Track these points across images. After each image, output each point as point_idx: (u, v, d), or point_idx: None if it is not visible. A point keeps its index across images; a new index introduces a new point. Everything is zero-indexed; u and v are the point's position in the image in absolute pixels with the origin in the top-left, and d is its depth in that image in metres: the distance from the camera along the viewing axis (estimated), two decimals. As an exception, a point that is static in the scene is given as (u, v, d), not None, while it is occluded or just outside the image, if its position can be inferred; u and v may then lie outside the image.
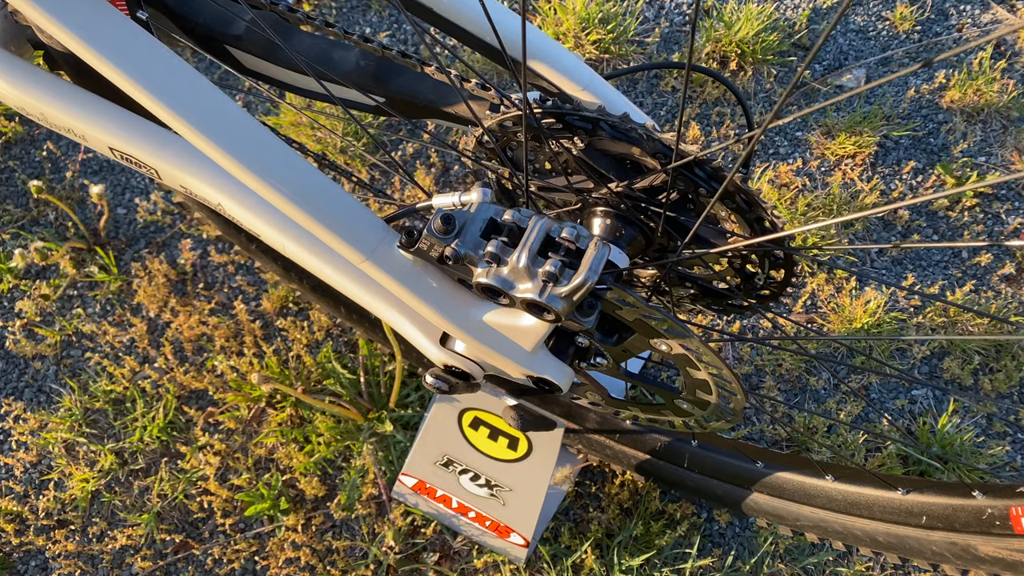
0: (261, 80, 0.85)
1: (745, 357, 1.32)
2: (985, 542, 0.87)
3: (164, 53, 0.61)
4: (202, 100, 0.61)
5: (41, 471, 1.23)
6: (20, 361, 1.31)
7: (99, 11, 0.58)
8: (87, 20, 0.58)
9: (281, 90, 0.86)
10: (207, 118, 0.61)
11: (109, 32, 0.58)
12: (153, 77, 0.60)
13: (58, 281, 1.34)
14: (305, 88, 0.85)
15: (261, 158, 0.62)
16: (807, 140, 1.49)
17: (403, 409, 1.24)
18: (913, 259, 1.40)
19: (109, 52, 0.58)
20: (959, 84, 1.53)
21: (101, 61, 0.58)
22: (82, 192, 1.42)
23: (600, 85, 0.76)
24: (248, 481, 1.20)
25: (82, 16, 0.57)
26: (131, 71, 0.59)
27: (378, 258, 0.64)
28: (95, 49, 0.57)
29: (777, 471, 1.05)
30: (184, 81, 0.61)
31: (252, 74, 0.85)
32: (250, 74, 0.86)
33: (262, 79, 0.85)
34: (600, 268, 0.56)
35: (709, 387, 0.68)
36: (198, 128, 0.60)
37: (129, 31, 0.59)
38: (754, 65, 1.53)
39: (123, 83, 0.59)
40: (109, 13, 0.58)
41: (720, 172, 0.63)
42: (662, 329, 0.61)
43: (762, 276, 0.72)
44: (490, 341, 0.67)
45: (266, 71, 0.85)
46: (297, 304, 1.33)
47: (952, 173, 1.46)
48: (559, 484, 1.23)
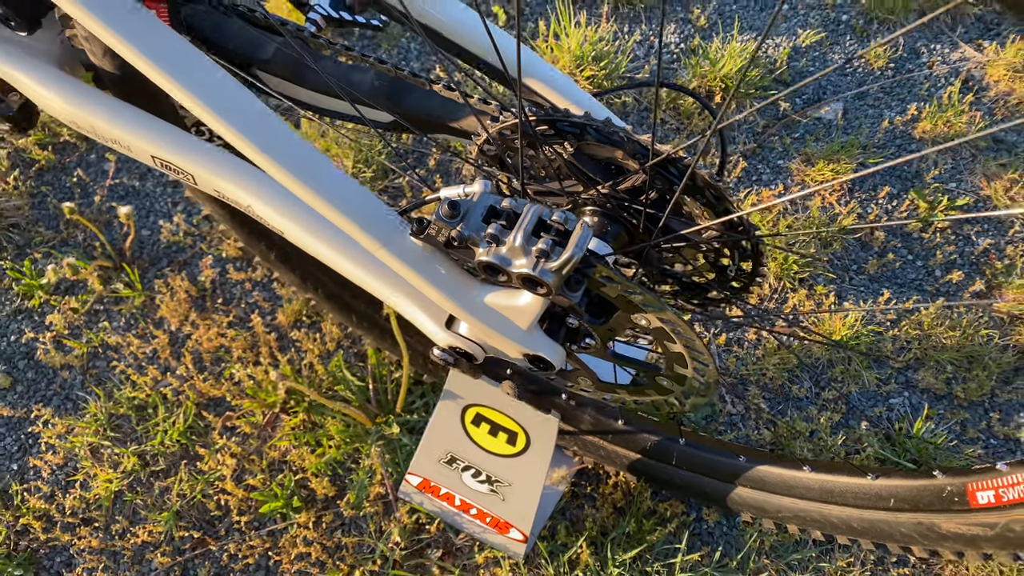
0: (285, 100, 0.95)
1: (731, 367, 1.40)
2: (947, 519, 0.94)
3: (210, 66, 0.71)
4: (243, 106, 0.71)
5: (67, 472, 1.30)
6: (49, 371, 1.39)
7: (159, 32, 0.68)
8: (148, 39, 0.67)
9: (302, 109, 0.96)
10: (248, 122, 0.70)
11: (168, 49, 0.68)
12: (205, 88, 0.69)
13: (86, 297, 1.43)
14: (326, 108, 0.95)
15: (293, 157, 0.71)
16: (788, 167, 1.59)
17: (409, 414, 1.32)
18: (890, 277, 1.49)
19: (169, 67, 0.68)
20: (930, 116, 1.63)
21: (156, 70, 0.68)
22: (109, 215, 1.52)
23: (588, 101, 0.86)
24: (262, 482, 1.28)
25: (142, 34, 0.67)
26: (181, 80, 0.69)
27: (392, 246, 0.73)
28: (160, 66, 0.67)
29: (758, 464, 1.13)
30: (229, 91, 0.71)
31: (277, 95, 0.95)
32: (275, 95, 0.95)
33: (286, 99, 0.95)
34: (585, 245, 0.65)
35: (685, 360, 0.77)
36: (241, 132, 0.70)
37: (181, 45, 0.69)
38: (737, 98, 1.64)
39: (171, 88, 0.69)
40: (170, 35, 0.68)
41: (695, 171, 0.72)
42: (640, 303, 0.70)
43: (733, 267, 0.81)
44: (490, 321, 0.76)
45: (290, 92, 0.95)
46: (310, 318, 1.41)
47: (924, 198, 1.56)
48: (556, 484, 1.30)
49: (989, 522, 0.89)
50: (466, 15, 0.86)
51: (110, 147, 0.88)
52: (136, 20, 0.67)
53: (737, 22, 1.74)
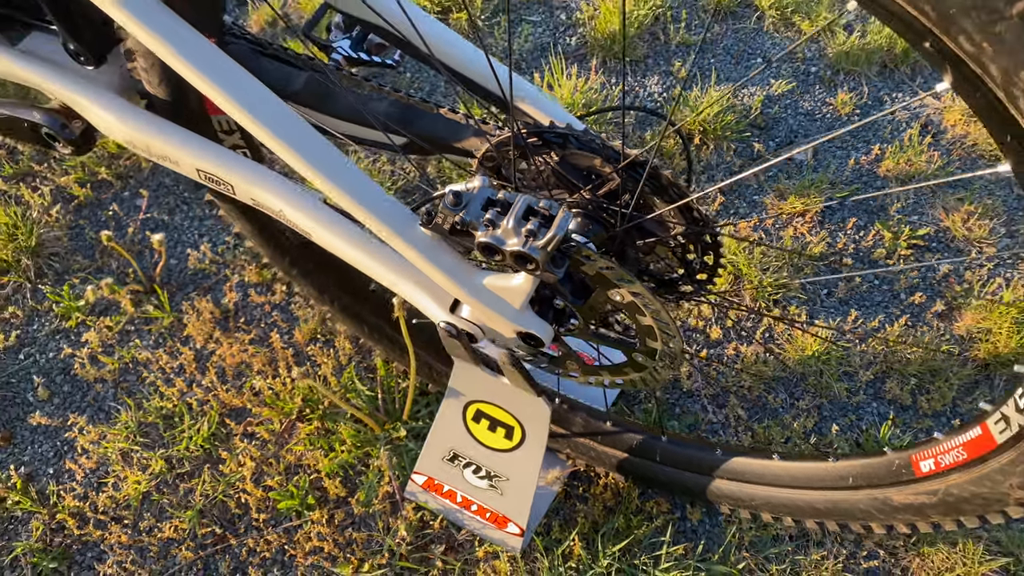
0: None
1: (712, 378, 1.52)
2: (897, 491, 1.05)
3: (255, 84, 0.85)
4: (284, 119, 0.85)
5: (99, 475, 1.41)
6: (84, 384, 1.51)
7: (223, 61, 0.83)
8: (214, 67, 0.82)
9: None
10: (287, 130, 0.84)
11: (222, 68, 0.83)
12: (247, 100, 0.84)
13: (118, 318, 1.56)
14: (345, 132, 1.10)
15: (324, 160, 0.86)
16: (763, 202, 1.74)
17: (414, 421, 1.44)
18: (858, 299, 1.62)
19: (222, 83, 0.82)
20: (892, 155, 1.78)
21: (213, 88, 0.82)
22: (141, 245, 1.66)
23: (573, 121, 1.00)
24: (279, 483, 1.38)
25: (211, 64, 0.82)
26: (225, 89, 0.83)
27: (406, 236, 0.87)
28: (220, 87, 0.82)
29: (733, 456, 1.24)
30: (269, 104, 0.85)
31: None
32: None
33: (312, 126, 1.10)
34: (566, 226, 0.78)
35: (655, 333, 0.89)
36: (282, 139, 0.84)
37: (227, 62, 0.84)
38: (715, 141, 1.79)
39: (222, 101, 0.83)
40: (230, 63, 0.83)
41: (657, 170, 0.86)
42: (613, 277, 0.83)
43: (698, 260, 0.94)
44: (488, 301, 0.89)
45: (315, 119, 1.09)
46: (324, 336, 1.54)
47: (889, 229, 1.70)
48: (550, 485, 1.41)
49: (932, 489, 1.00)
50: (473, 51, 1.01)
51: (160, 163, 1.02)
52: (209, 54, 0.82)
53: (714, 74, 1.91)
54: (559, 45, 1.97)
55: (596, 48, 1.94)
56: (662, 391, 1.52)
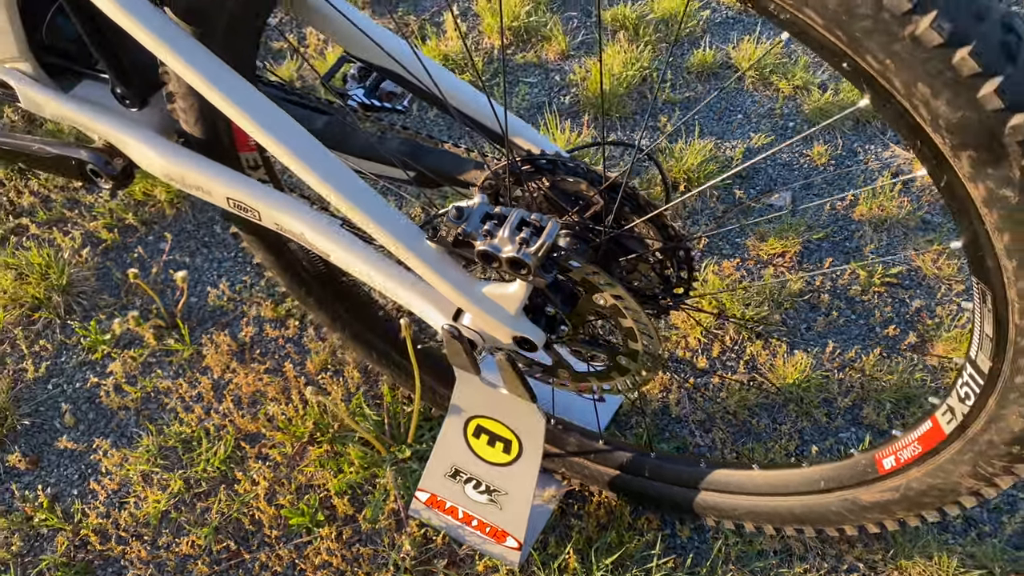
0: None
1: (700, 404, 1.62)
2: (865, 491, 1.14)
3: (287, 118, 0.98)
4: (311, 148, 0.98)
5: (121, 495, 1.50)
6: (108, 411, 1.61)
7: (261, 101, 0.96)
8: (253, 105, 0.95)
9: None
10: (313, 159, 0.97)
11: (260, 106, 0.96)
12: (280, 133, 0.96)
13: (141, 350, 1.67)
14: (359, 168, 1.22)
15: (344, 183, 0.98)
16: (745, 244, 1.86)
17: (419, 444, 1.53)
18: (835, 332, 1.73)
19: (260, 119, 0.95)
20: (866, 201, 1.91)
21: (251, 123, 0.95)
22: (163, 284, 1.78)
23: (561, 152, 1.13)
24: (291, 501, 1.47)
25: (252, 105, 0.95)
26: (260, 123, 0.96)
27: (414, 249, 0.98)
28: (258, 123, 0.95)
29: (716, 468, 1.33)
30: (298, 136, 0.98)
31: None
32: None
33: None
34: (554, 234, 0.90)
35: (636, 334, 1.00)
36: (309, 165, 0.96)
37: (263, 100, 0.97)
38: (698, 187, 1.93)
39: (257, 134, 0.96)
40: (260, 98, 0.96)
41: (635, 192, 0.98)
42: (597, 282, 0.94)
43: (675, 273, 1.05)
44: (488, 308, 1.00)
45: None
46: (333, 366, 1.64)
47: (864, 268, 1.82)
48: (547, 503, 1.49)
49: (895, 485, 1.09)
50: (475, 94, 1.14)
51: (193, 193, 1.14)
52: (249, 94, 0.95)
53: (698, 128, 2.06)
54: (554, 103, 2.12)
55: (587, 106, 2.09)
56: (652, 417, 1.61)
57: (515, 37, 2.27)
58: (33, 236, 1.82)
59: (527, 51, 2.25)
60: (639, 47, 2.20)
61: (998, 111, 0.64)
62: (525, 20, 2.27)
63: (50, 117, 1.20)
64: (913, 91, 0.66)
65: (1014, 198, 0.69)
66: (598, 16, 2.33)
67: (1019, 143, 0.65)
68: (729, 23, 2.34)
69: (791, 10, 0.66)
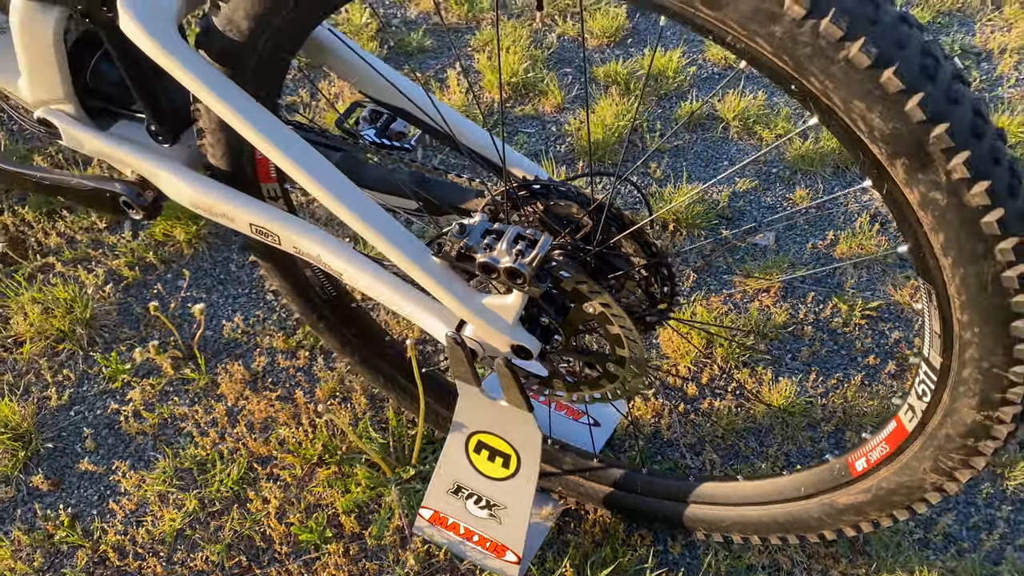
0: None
1: (690, 430, 1.70)
2: (841, 494, 1.21)
3: (309, 148, 1.09)
4: (330, 174, 1.09)
5: (139, 515, 1.57)
6: (127, 436, 1.69)
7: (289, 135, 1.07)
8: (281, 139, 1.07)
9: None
10: (332, 184, 1.08)
11: (285, 138, 1.07)
12: (304, 161, 1.08)
13: (159, 379, 1.76)
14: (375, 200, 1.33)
15: (358, 205, 1.08)
16: (732, 280, 1.96)
17: (422, 465, 1.61)
18: (819, 361, 1.82)
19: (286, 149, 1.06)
20: (846, 240, 2.02)
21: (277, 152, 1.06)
22: (180, 319, 1.88)
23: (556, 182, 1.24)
24: (300, 520, 1.54)
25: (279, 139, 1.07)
26: (287, 153, 1.07)
27: (422, 264, 1.08)
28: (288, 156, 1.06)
29: (704, 481, 1.41)
30: (319, 164, 1.09)
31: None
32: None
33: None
34: (546, 247, 1.00)
35: (622, 341, 1.09)
36: (328, 190, 1.07)
37: (287, 131, 1.08)
38: (687, 229, 2.04)
39: (283, 162, 1.07)
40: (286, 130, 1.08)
41: (619, 212, 1.09)
42: (585, 290, 1.04)
43: (658, 288, 1.15)
44: (488, 318, 1.10)
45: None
46: (341, 393, 1.73)
47: (845, 301, 1.92)
48: (544, 520, 1.56)
49: (867, 486, 1.17)
50: (478, 130, 1.26)
51: (219, 221, 1.25)
52: (276, 127, 1.07)
53: (686, 173, 2.18)
54: (550, 151, 2.25)
55: (582, 153, 2.22)
56: (645, 442, 1.69)
57: (514, 91, 2.41)
58: (59, 273, 1.93)
59: (525, 104, 2.39)
60: (630, 100, 2.34)
61: (922, 122, 0.75)
62: (523, 76, 2.42)
63: (89, 153, 1.31)
64: (851, 107, 0.77)
65: (943, 200, 0.79)
66: (585, 70, 2.49)
67: (942, 150, 0.76)
68: (715, 78, 2.49)
69: (745, 40, 0.77)
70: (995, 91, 2.45)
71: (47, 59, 1.20)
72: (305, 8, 1.01)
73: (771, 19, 0.74)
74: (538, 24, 2.69)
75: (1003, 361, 0.90)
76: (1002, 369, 0.91)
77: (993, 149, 0.77)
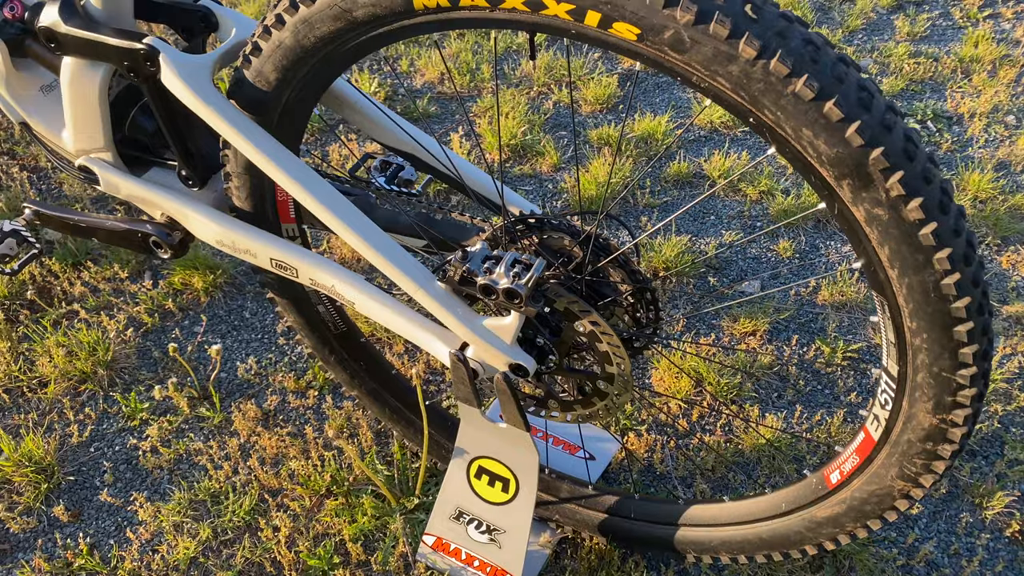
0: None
1: (682, 462, 1.78)
2: (819, 508, 1.29)
3: (328, 187, 1.22)
4: (347, 210, 1.21)
5: (154, 544, 1.64)
6: (144, 471, 1.77)
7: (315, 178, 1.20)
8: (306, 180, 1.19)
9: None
10: (349, 218, 1.20)
11: (308, 177, 1.20)
12: (326, 199, 1.20)
13: (175, 417, 1.85)
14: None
15: (373, 237, 1.20)
16: (720, 324, 2.07)
17: (425, 496, 1.68)
18: (803, 400, 1.91)
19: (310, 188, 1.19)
20: (828, 287, 2.14)
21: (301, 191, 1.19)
22: (196, 361, 1.98)
23: (549, 215, 1.36)
24: (308, 547, 1.61)
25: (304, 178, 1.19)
26: (309, 191, 1.19)
27: (427, 289, 1.20)
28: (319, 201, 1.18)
29: (692, 504, 1.48)
30: (337, 200, 1.21)
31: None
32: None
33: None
34: (540, 270, 1.12)
35: (611, 358, 1.19)
36: (345, 223, 1.19)
37: (308, 171, 1.21)
38: (676, 276, 2.16)
39: (305, 199, 1.19)
40: (308, 170, 1.20)
41: (607, 242, 1.21)
42: (576, 310, 1.15)
43: (644, 312, 1.26)
44: (488, 338, 1.20)
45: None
46: (349, 430, 1.82)
47: (827, 344, 2.02)
48: (543, 548, 1.63)
49: (842, 498, 1.25)
50: (481, 174, 1.39)
51: (242, 257, 1.36)
52: (301, 169, 1.20)
53: (674, 226, 2.32)
54: (547, 206, 2.39)
55: (576, 208, 2.36)
56: (639, 475, 1.77)
57: (513, 152, 2.56)
58: (83, 319, 2.04)
59: (523, 164, 2.54)
60: (621, 160, 2.49)
61: (861, 147, 0.87)
62: (521, 139, 2.58)
63: (124, 197, 1.44)
64: (801, 135, 0.89)
65: (885, 215, 0.91)
66: (573, 130, 2.64)
67: (880, 171, 0.88)
68: (701, 141, 2.64)
69: (708, 79, 0.90)
70: (966, 151, 2.60)
71: (92, 112, 1.34)
72: (325, 62, 1.15)
73: (728, 60, 0.87)
74: (534, 91, 2.86)
75: (950, 365, 1.00)
76: (950, 373, 1.01)
77: (925, 170, 0.89)
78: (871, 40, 3.12)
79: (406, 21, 1.03)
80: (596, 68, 2.92)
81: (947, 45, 3.08)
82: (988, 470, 1.77)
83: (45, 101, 1.46)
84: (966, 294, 0.94)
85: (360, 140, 2.66)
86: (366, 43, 1.08)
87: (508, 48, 3.09)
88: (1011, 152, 2.57)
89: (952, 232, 0.91)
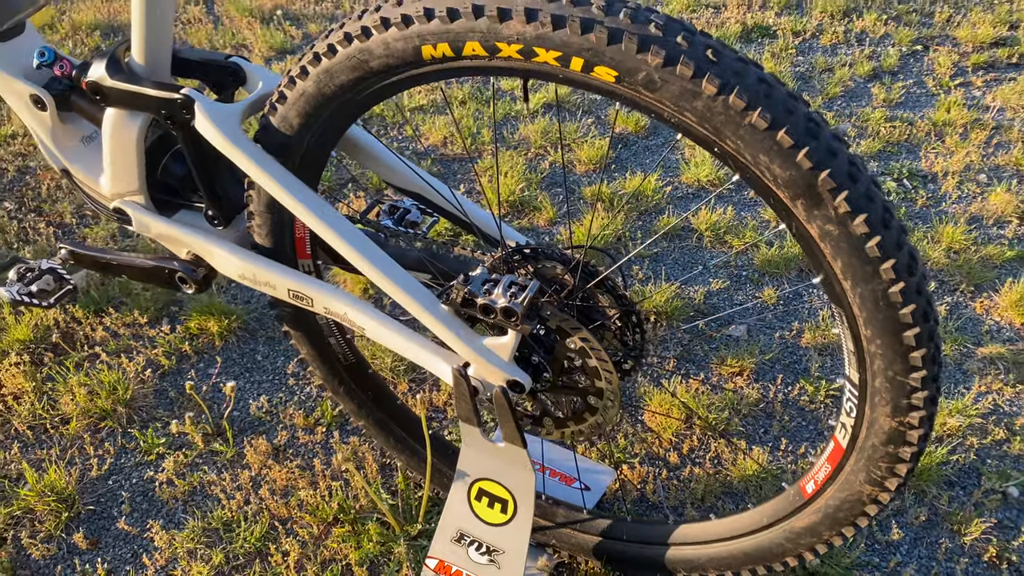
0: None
1: (674, 492, 1.86)
2: (798, 518, 1.38)
3: (340, 217, 1.35)
4: (360, 241, 1.33)
5: (168, 569, 1.72)
6: (160, 501, 1.86)
7: (328, 212, 1.33)
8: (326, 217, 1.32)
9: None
10: (361, 247, 1.32)
11: (327, 213, 1.33)
12: (342, 231, 1.33)
13: (190, 452, 1.95)
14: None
15: (380, 263, 1.33)
16: (710, 364, 2.18)
17: (428, 524, 1.77)
18: (790, 434, 2.00)
19: (323, 219, 1.32)
20: (811, 330, 2.25)
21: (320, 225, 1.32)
22: (210, 400, 2.08)
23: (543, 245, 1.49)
24: (316, 572, 1.69)
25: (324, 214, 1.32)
26: (324, 223, 1.32)
27: (431, 312, 1.31)
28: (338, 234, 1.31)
29: (682, 524, 1.57)
30: (348, 228, 1.34)
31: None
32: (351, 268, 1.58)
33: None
34: (535, 289, 1.24)
35: (600, 374, 1.30)
36: (357, 250, 1.32)
37: (326, 206, 1.34)
38: (667, 320, 2.28)
39: (323, 231, 1.32)
40: (333, 213, 1.34)
41: (595, 269, 1.33)
42: (567, 327, 1.26)
43: (630, 335, 1.38)
44: (487, 356, 1.32)
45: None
46: (356, 462, 1.91)
47: (811, 383, 2.12)
48: (540, 572, 1.70)
49: (818, 507, 1.34)
50: (482, 211, 1.53)
51: (262, 289, 1.49)
52: (320, 207, 1.33)
53: (664, 272, 2.45)
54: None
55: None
56: (632, 504, 1.85)
57: (511, 207, 2.71)
58: (104, 362, 2.15)
59: (521, 218, 2.69)
60: (613, 214, 2.64)
61: (810, 169, 1.00)
62: (519, 195, 2.73)
63: (154, 236, 1.57)
64: (758, 160, 1.02)
65: (835, 231, 1.03)
66: (563, 173, 2.80)
67: (829, 190, 1.01)
68: (689, 197, 2.80)
69: (677, 114, 1.04)
70: (940, 206, 2.75)
71: (129, 158, 1.48)
72: (343, 109, 1.29)
73: (694, 96, 1.01)
74: (531, 153, 3.03)
75: (903, 368, 1.11)
76: (904, 376, 1.12)
77: (868, 190, 1.02)
78: (849, 106, 3.32)
79: (416, 70, 1.17)
80: (589, 132, 3.10)
81: (921, 110, 3.26)
82: (966, 499, 1.85)
83: (85, 151, 1.60)
84: (911, 301, 1.06)
85: (368, 197, 2.81)
86: (380, 90, 1.23)
87: (507, 114, 3.28)
88: (983, 207, 2.72)
89: (895, 245, 1.04)
